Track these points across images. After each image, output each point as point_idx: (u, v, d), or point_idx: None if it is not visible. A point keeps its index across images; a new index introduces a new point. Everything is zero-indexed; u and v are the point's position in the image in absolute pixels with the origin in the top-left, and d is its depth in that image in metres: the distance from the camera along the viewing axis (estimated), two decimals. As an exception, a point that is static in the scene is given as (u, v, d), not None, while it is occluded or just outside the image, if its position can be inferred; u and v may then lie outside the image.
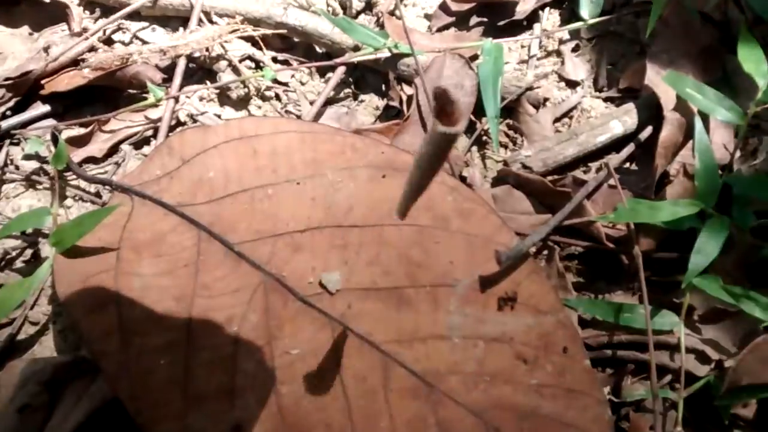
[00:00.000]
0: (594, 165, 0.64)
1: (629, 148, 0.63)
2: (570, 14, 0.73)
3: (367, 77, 0.70)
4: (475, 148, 0.66)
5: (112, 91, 0.68)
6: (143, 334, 0.49)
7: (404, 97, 0.66)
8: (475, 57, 0.68)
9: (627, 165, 0.64)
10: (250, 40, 0.70)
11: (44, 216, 0.55)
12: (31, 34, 0.72)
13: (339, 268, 0.52)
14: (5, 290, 0.52)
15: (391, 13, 0.70)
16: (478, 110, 0.64)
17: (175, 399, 0.48)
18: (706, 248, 0.52)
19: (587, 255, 0.59)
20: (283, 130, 0.58)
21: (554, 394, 0.49)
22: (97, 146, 0.64)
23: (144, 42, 0.71)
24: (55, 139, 0.58)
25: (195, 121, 0.66)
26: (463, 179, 0.62)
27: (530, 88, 0.67)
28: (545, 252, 0.59)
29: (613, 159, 0.62)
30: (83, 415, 0.49)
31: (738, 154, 0.61)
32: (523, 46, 0.72)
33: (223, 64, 0.69)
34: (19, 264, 0.60)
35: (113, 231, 0.54)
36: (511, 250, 0.51)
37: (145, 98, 0.65)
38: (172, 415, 0.47)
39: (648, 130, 0.63)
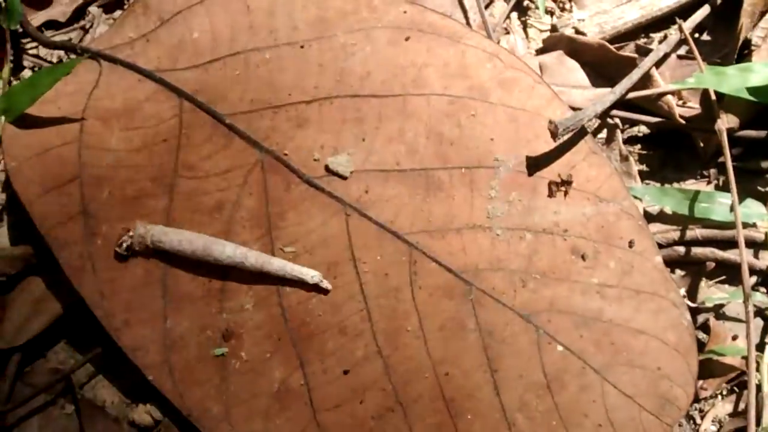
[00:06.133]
0: (657, 36, 0.54)
1: (703, 11, 0.52)
2: None
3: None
4: (514, 15, 0.55)
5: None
6: (113, 220, 0.40)
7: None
8: None
9: (697, 35, 0.53)
10: None
11: (-9, 81, 0.45)
12: None
13: (354, 145, 0.43)
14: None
15: None
16: (519, -31, 0.53)
17: (153, 299, 0.39)
18: (810, 121, 0.42)
19: (653, 138, 0.49)
20: (282, -16, 0.47)
21: (620, 296, 0.40)
22: (60, 9, 0.53)
23: None
24: (4, -8, 0.48)
25: (179, -18, 0.55)
26: (501, 49, 0.51)
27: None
28: (603, 134, 0.48)
29: (685, 24, 0.51)
30: (40, 326, 0.40)
31: None
32: None
33: None
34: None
35: (76, 100, 0.44)
36: (569, 119, 0.41)
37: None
38: (148, 318, 0.39)
39: (726, -10, 0.52)
